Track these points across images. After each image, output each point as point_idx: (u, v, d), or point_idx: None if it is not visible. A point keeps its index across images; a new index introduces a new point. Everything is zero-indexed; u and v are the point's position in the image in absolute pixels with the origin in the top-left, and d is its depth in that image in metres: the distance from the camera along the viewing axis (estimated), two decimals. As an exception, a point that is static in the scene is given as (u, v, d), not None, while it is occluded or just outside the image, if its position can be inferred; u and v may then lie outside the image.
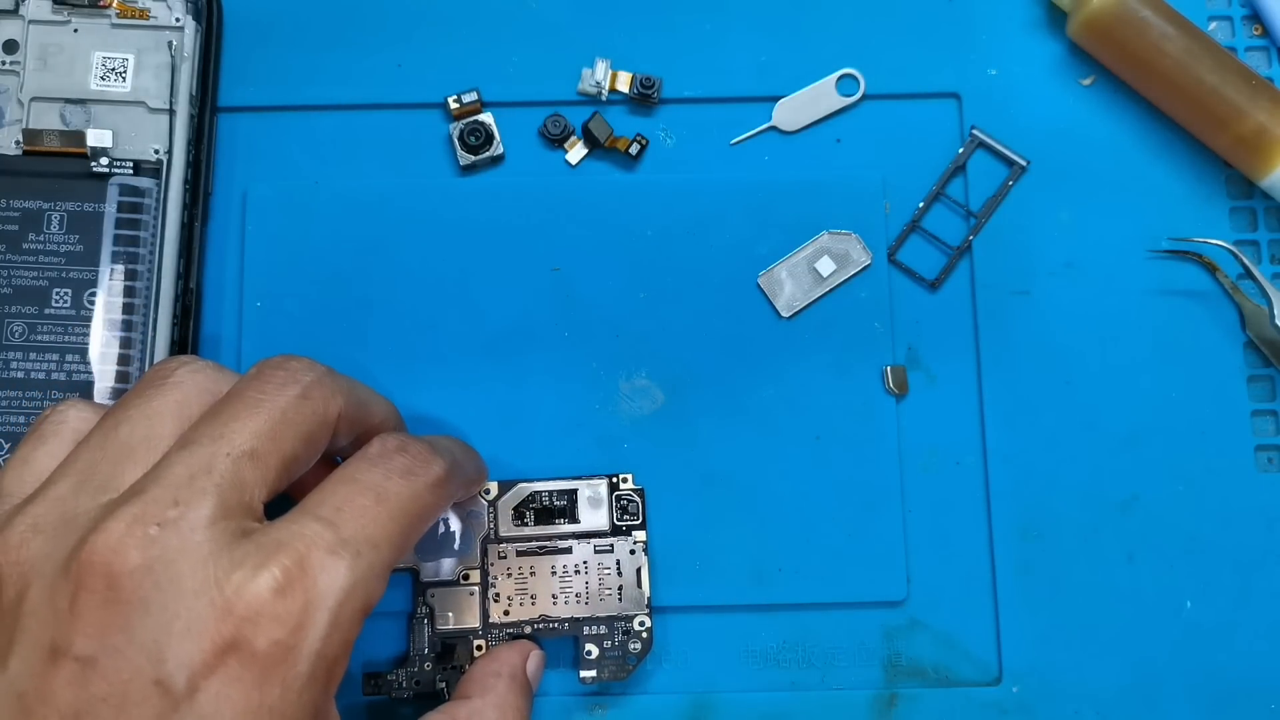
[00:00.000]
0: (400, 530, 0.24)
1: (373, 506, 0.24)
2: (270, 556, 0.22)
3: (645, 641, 0.31)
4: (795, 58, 0.35)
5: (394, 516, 0.24)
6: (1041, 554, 0.33)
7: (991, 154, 0.35)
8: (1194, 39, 0.33)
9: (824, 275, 0.34)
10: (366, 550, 0.23)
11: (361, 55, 0.35)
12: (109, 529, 0.22)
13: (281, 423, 0.24)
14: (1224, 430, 0.33)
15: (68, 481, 0.24)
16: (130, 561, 0.22)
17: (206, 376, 0.26)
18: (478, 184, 0.35)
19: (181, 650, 0.21)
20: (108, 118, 0.34)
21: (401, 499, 0.25)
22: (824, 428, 0.33)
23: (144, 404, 0.25)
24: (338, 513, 0.24)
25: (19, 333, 0.32)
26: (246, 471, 0.23)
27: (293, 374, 0.25)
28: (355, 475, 0.25)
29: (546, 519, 0.32)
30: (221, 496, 0.23)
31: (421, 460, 0.26)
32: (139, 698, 0.21)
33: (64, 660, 0.21)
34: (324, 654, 0.22)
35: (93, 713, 0.21)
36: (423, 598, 0.31)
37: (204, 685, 0.21)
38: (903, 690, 0.32)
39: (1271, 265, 0.35)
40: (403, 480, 0.25)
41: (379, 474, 0.25)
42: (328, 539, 0.23)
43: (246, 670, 0.21)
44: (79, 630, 0.21)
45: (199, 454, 0.23)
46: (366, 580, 0.23)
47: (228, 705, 0.21)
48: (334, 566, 0.23)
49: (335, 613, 0.22)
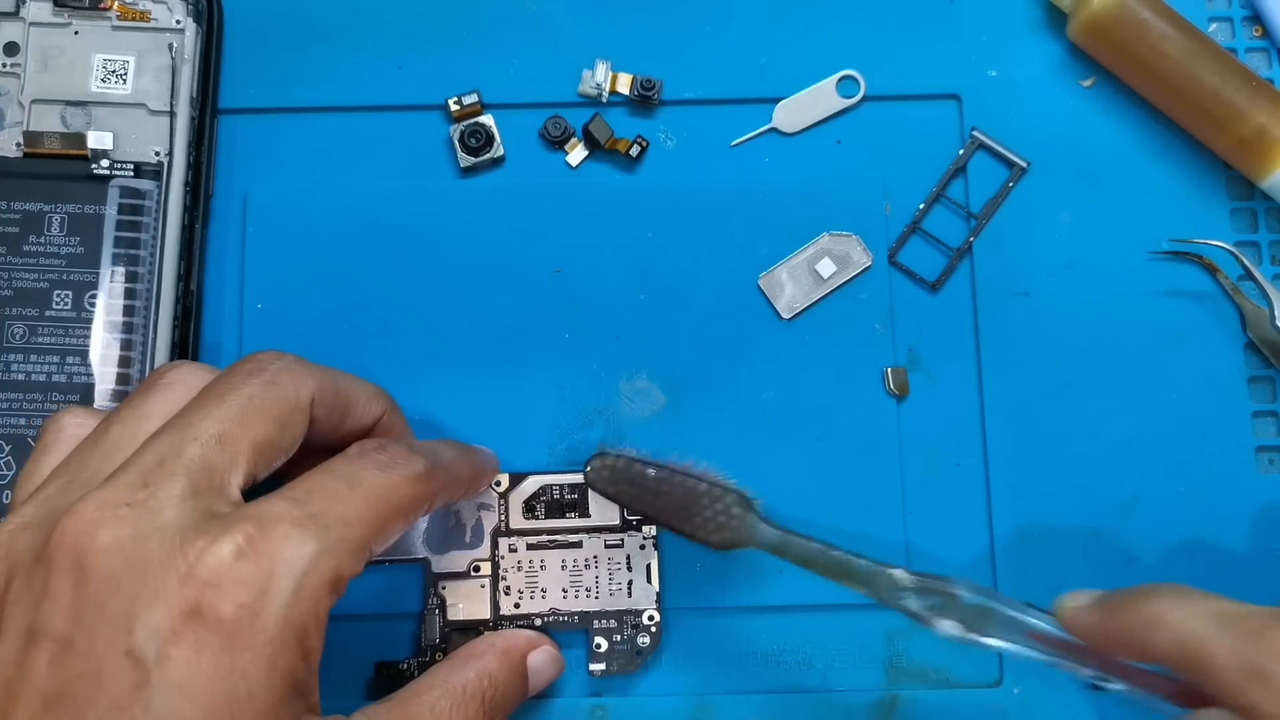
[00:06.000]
0: (373, 512, 0.25)
1: (344, 490, 0.24)
2: (232, 526, 0.23)
3: (654, 636, 0.32)
4: (795, 59, 0.35)
5: (366, 499, 0.25)
6: (1042, 555, 0.33)
7: (992, 155, 0.35)
8: (1194, 40, 0.33)
9: (824, 277, 0.34)
10: (336, 525, 0.24)
11: (362, 57, 0.35)
12: (79, 510, 0.23)
13: (249, 408, 0.25)
14: (1224, 431, 0.33)
15: (57, 481, 0.25)
16: (99, 540, 0.22)
17: (196, 375, 0.26)
18: (478, 186, 0.35)
19: (150, 620, 0.22)
20: (108, 120, 0.34)
21: (375, 486, 0.25)
22: (825, 429, 0.33)
23: (135, 406, 0.26)
24: (308, 494, 0.24)
25: (20, 335, 0.32)
26: (215, 455, 0.24)
27: (259, 364, 0.26)
28: (330, 467, 0.25)
29: (557, 513, 0.32)
30: (190, 477, 0.23)
31: (399, 457, 0.26)
32: (113, 670, 0.21)
33: (42, 641, 0.22)
34: (291, 620, 0.22)
35: (71, 690, 0.21)
36: (434, 589, 0.32)
37: (173, 653, 0.21)
38: (903, 692, 0.32)
39: (1272, 266, 0.35)
40: (378, 471, 0.25)
41: (354, 466, 0.25)
42: (295, 514, 0.23)
43: (213, 635, 0.22)
44: (54, 611, 0.22)
45: (168, 441, 0.24)
46: (335, 552, 0.23)
47: (198, 671, 0.22)
48: (299, 536, 0.23)
49: (300, 579, 0.23)
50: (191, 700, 0.21)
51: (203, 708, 0.21)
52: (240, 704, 0.22)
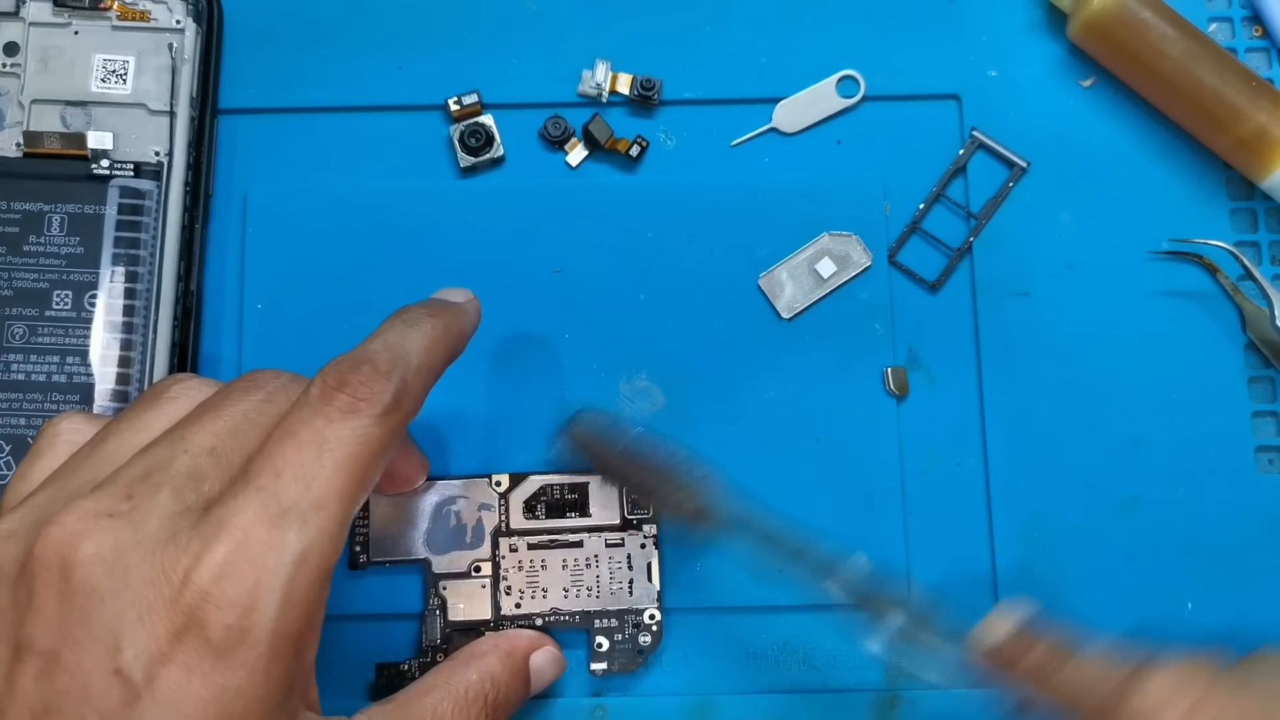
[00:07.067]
0: (348, 480, 0.23)
1: (314, 462, 0.23)
2: (212, 540, 0.22)
3: (655, 634, 0.32)
4: (795, 59, 0.35)
5: (339, 467, 0.23)
6: (1042, 555, 0.33)
7: (992, 155, 0.35)
8: (1194, 40, 0.33)
9: (824, 276, 0.34)
10: (313, 514, 0.23)
11: (362, 57, 0.35)
12: (62, 521, 0.22)
13: (243, 423, 0.24)
14: (1224, 432, 0.33)
15: (48, 490, 0.24)
16: (82, 551, 0.22)
17: (201, 393, 0.26)
18: (478, 186, 0.35)
19: (137, 640, 0.21)
20: (108, 120, 0.34)
21: (345, 443, 0.23)
22: (825, 429, 0.33)
23: (135, 418, 0.25)
24: (278, 479, 0.23)
25: (20, 335, 0.32)
26: (207, 466, 0.23)
27: (256, 381, 0.25)
28: (294, 429, 0.24)
29: (558, 512, 0.32)
30: (176, 489, 0.23)
31: (364, 391, 0.24)
32: (100, 689, 0.21)
33: (28, 656, 0.22)
34: (283, 630, 0.22)
35: (59, 707, 0.21)
36: (434, 590, 0.32)
37: (162, 674, 0.21)
38: (904, 692, 0.32)
39: (1272, 266, 0.35)
40: (345, 421, 0.23)
41: (319, 421, 0.23)
42: (270, 511, 0.22)
43: (203, 658, 0.21)
44: (39, 625, 0.22)
45: (158, 453, 0.23)
46: (318, 544, 0.23)
47: (189, 691, 0.21)
48: (279, 540, 0.22)
49: (287, 588, 0.22)
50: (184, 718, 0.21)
51: None
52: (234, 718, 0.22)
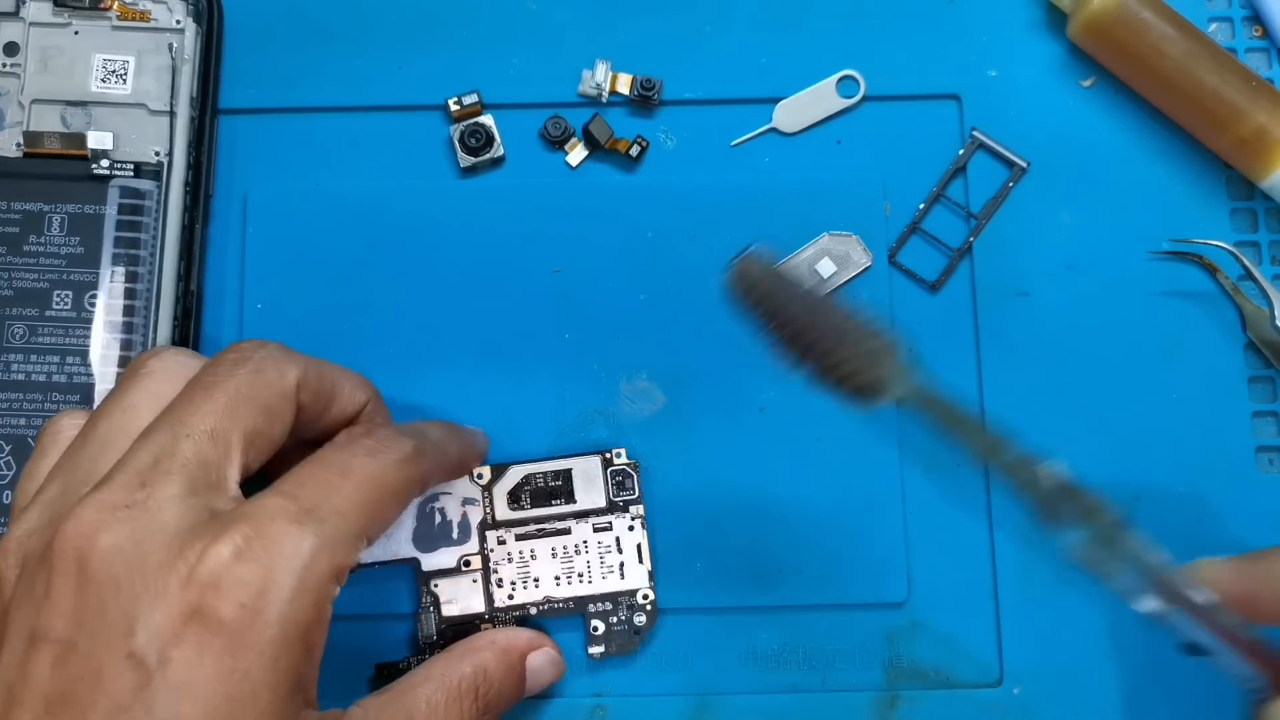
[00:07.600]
0: (366, 500, 0.25)
1: (337, 480, 0.25)
2: (230, 527, 0.23)
3: (650, 614, 0.32)
4: (795, 59, 0.35)
5: (359, 487, 0.25)
6: (1043, 555, 0.33)
7: (992, 155, 0.35)
8: (1194, 40, 0.33)
9: (825, 276, 0.34)
10: (331, 518, 0.24)
11: (362, 57, 0.35)
12: (78, 515, 0.23)
13: (237, 399, 0.25)
14: (1225, 432, 0.33)
15: (55, 484, 0.25)
16: (100, 543, 0.22)
17: (177, 362, 0.26)
18: (478, 186, 0.35)
19: (150, 622, 0.22)
20: (108, 120, 0.34)
21: (367, 472, 0.25)
22: (825, 429, 0.33)
23: (119, 399, 0.26)
24: (300, 487, 0.24)
25: (20, 335, 0.32)
26: (209, 451, 0.24)
27: (243, 353, 0.26)
28: (320, 457, 0.25)
29: (543, 500, 0.32)
30: (187, 476, 0.23)
31: (386, 441, 0.26)
32: (114, 673, 0.22)
33: (44, 645, 0.22)
34: (293, 618, 0.22)
35: (73, 693, 0.22)
36: (426, 588, 0.32)
37: (175, 655, 0.22)
38: (904, 692, 0.32)
39: (1272, 266, 0.35)
40: (368, 457, 0.25)
41: (344, 454, 0.25)
42: (290, 509, 0.23)
43: (215, 637, 0.22)
44: (55, 614, 0.22)
45: (161, 439, 0.24)
46: (333, 545, 0.23)
47: (200, 673, 0.22)
48: (296, 533, 0.23)
49: (301, 576, 0.23)
50: (194, 701, 0.21)
51: (205, 709, 0.21)
52: (243, 704, 0.22)
